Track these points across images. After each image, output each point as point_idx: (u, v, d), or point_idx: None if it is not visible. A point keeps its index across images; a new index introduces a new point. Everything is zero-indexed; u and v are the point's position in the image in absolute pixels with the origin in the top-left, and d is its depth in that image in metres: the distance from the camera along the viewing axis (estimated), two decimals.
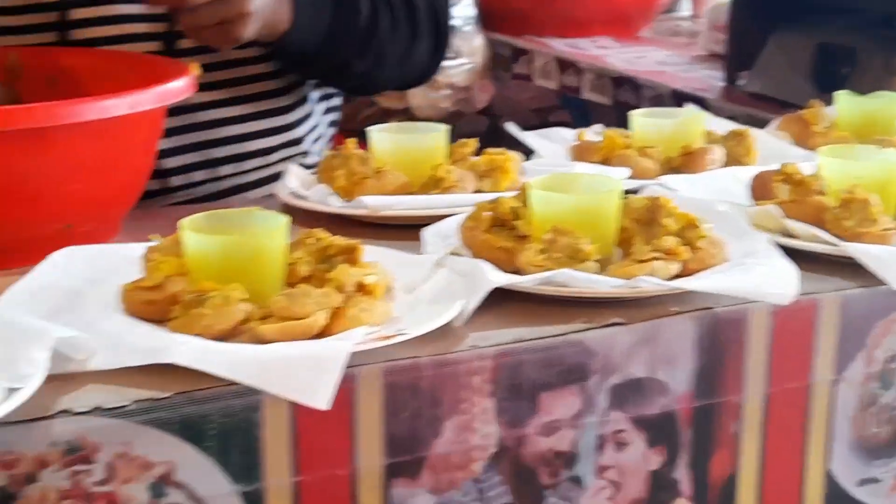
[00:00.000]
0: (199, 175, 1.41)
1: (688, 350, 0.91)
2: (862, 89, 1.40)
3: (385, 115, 2.50)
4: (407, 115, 2.52)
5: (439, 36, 1.52)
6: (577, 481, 0.89)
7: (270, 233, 0.85)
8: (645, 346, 0.89)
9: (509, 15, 2.65)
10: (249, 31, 1.21)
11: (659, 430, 0.91)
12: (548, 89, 2.50)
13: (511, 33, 2.63)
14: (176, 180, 1.40)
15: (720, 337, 0.92)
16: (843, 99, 1.37)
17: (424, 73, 1.60)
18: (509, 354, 0.84)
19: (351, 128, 2.36)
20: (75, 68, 1.25)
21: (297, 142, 1.49)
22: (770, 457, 0.96)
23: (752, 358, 0.93)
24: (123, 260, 0.91)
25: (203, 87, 1.35)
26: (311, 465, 0.79)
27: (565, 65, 2.42)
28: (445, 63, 2.48)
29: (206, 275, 0.83)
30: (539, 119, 2.74)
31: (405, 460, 0.82)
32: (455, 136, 1.22)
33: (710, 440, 0.93)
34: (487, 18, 2.62)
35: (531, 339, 0.85)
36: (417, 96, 2.50)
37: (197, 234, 0.84)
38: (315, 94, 1.54)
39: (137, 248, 0.91)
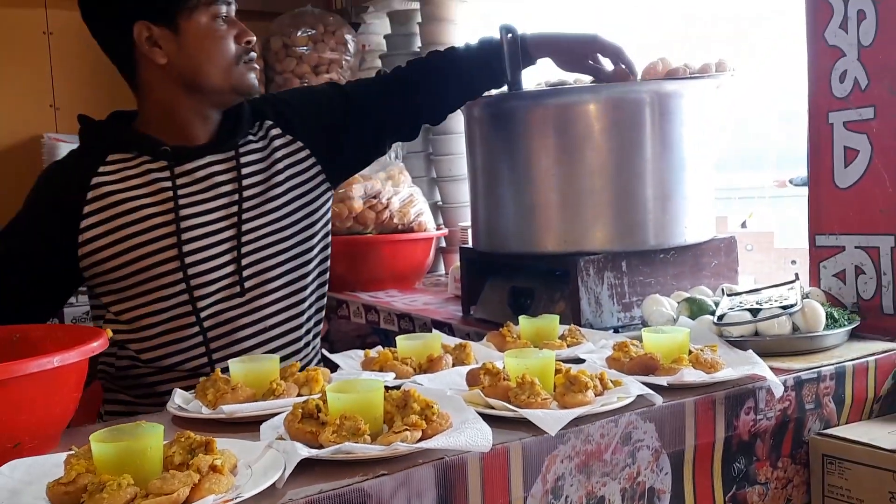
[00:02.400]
0: None
1: (431, 487, 0.90)
2: (536, 314, 1.46)
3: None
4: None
5: None
6: None
7: (150, 438, 0.83)
8: (403, 487, 0.88)
9: (331, 279, 2.66)
10: None
11: None
12: (360, 323, 2.51)
13: (334, 291, 2.64)
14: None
15: (450, 476, 0.91)
16: (523, 320, 1.42)
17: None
18: (315, 502, 0.83)
19: None
20: (30, 333, 1.18)
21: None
22: None
23: (472, 487, 0.93)
24: (53, 465, 0.86)
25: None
26: None
27: (368, 308, 2.44)
28: None
29: (106, 470, 0.80)
30: (360, 342, 2.73)
31: None
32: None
33: None
34: None
35: (329, 490, 0.84)
36: None
37: (100, 443, 0.81)
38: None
39: (62, 456, 0.86)
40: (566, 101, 1.72)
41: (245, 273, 1.48)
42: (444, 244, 2.95)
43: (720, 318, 1.36)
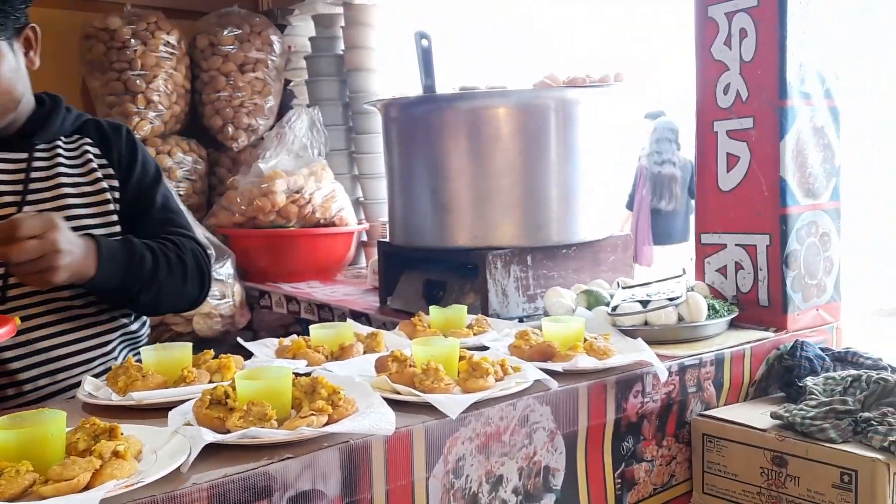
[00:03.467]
0: (43, 381, 1.27)
1: (335, 469, 0.88)
2: (448, 304, 1.45)
3: (178, 336, 2.37)
4: (193, 335, 2.40)
5: (203, 279, 1.39)
6: None
7: (51, 424, 0.78)
8: (308, 470, 0.86)
9: (255, 270, 2.62)
10: (61, 278, 1.13)
11: None
12: (282, 313, 2.46)
13: (256, 281, 2.60)
14: (27, 387, 1.26)
15: (355, 458, 0.90)
16: (434, 310, 1.41)
17: (194, 302, 1.42)
18: (218, 486, 0.80)
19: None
20: None
21: (112, 357, 1.36)
22: None
23: (375, 469, 0.92)
24: None
25: (45, 323, 1.27)
26: None
27: (290, 299, 2.39)
28: (216, 301, 2.42)
29: (6, 457, 0.75)
30: (283, 331, 2.68)
31: None
32: (223, 347, 1.17)
33: None
34: (242, 273, 2.58)
35: (234, 474, 0.81)
36: (199, 323, 2.40)
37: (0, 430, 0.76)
38: (123, 327, 1.39)
39: None
40: (477, 105, 1.72)
41: (10, 291, 1.25)
42: (365, 238, 2.92)
43: (614, 308, 1.38)
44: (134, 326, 1.43)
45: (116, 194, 1.36)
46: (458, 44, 2.75)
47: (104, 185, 1.35)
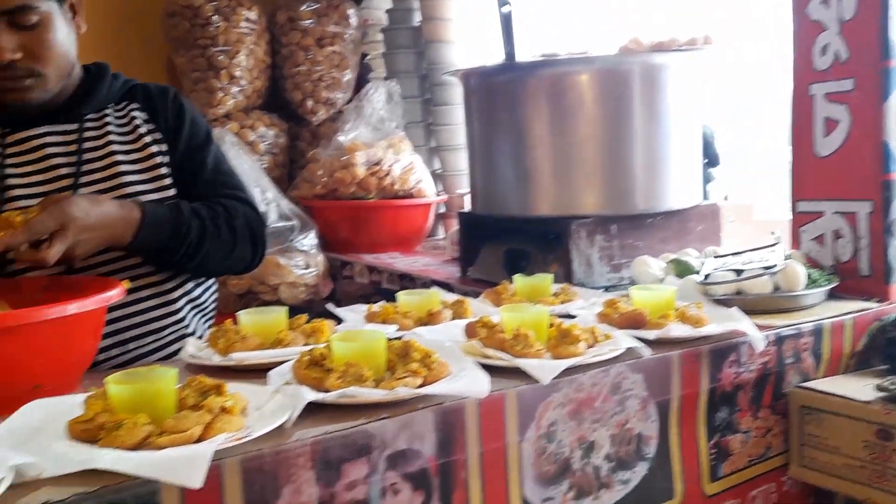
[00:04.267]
0: (115, 351, 1.27)
1: (431, 430, 0.89)
2: (530, 273, 1.44)
3: (264, 304, 2.42)
4: (279, 303, 2.45)
5: (255, 243, 1.35)
6: None
7: (164, 380, 0.82)
8: (405, 429, 0.87)
9: (337, 241, 2.66)
10: (80, 256, 1.14)
11: (419, 480, 0.89)
12: (363, 283, 2.50)
13: (338, 252, 2.64)
14: (99, 356, 1.23)
15: (449, 420, 0.91)
16: (518, 278, 1.40)
17: (247, 266, 1.39)
18: (321, 442, 0.82)
19: (231, 311, 2.28)
20: (63, 282, 1.17)
21: (183, 325, 1.36)
22: (487, 490, 0.94)
23: (469, 431, 0.92)
24: (70, 405, 0.85)
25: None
26: None
27: (371, 269, 2.43)
28: (300, 271, 2.47)
29: (122, 410, 0.79)
30: (364, 300, 2.71)
31: None
32: (309, 313, 1.18)
33: (450, 484, 0.91)
34: (325, 244, 2.63)
35: (335, 431, 0.83)
36: (285, 292, 2.45)
37: (116, 384, 0.80)
38: (188, 294, 1.38)
39: (79, 398, 0.85)
40: (560, 72, 1.69)
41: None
42: (443, 210, 2.93)
43: (706, 277, 1.35)
44: (197, 292, 1.41)
45: (167, 158, 1.34)
46: (539, 10, 2.70)
47: (154, 149, 1.33)
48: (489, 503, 0.95)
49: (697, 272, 1.41)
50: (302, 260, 2.46)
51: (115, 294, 1.01)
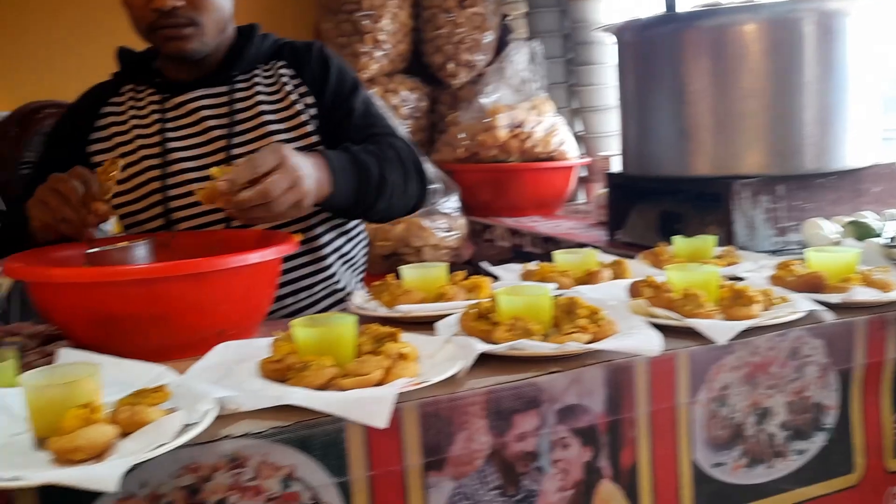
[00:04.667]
0: (273, 306, 1.26)
1: (600, 386, 0.89)
2: (687, 235, 1.39)
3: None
4: None
5: (421, 176, 1.33)
6: (540, 470, 0.86)
7: (345, 326, 0.85)
8: (574, 385, 0.87)
9: (477, 204, 2.68)
10: (309, 203, 1.09)
11: (587, 436, 0.89)
12: (504, 247, 2.51)
13: (480, 215, 2.65)
14: None
15: (619, 377, 0.90)
16: (678, 240, 1.35)
17: (417, 202, 1.37)
18: (493, 392, 0.83)
19: (380, 272, 2.33)
20: (238, 235, 1.23)
21: (335, 282, 1.40)
22: (656, 451, 0.93)
23: (639, 390, 0.91)
24: (257, 347, 0.91)
25: None
26: (377, 464, 0.77)
27: (514, 232, 2.43)
28: (443, 234, 2.51)
29: (308, 352, 0.83)
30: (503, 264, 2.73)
31: (434, 459, 0.80)
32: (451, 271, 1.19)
33: (619, 442, 0.91)
34: (467, 208, 2.65)
35: (506, 382, 0.84)
36: (428, 254, 2.50)
37: (302, 328, 0.84)
38: (338, 250, 1.40)
39: (266, 341, 0.91)
40: (723, 22, 1.60)
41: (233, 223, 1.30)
42: (584, 173, 2.88)
43: (892, 240, 1.25)
44: (347, 248, 1.43)
45: (314, 111, 1.35)
46: None
47: (299, 106, 1.34)
48: (658, 464, 0.93)
49: (879, 235, 1.31)
50: (444, 223, 2.50)
51: (291, 245, 1.05)
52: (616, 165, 2.45)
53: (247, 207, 1.01)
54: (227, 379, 0.82)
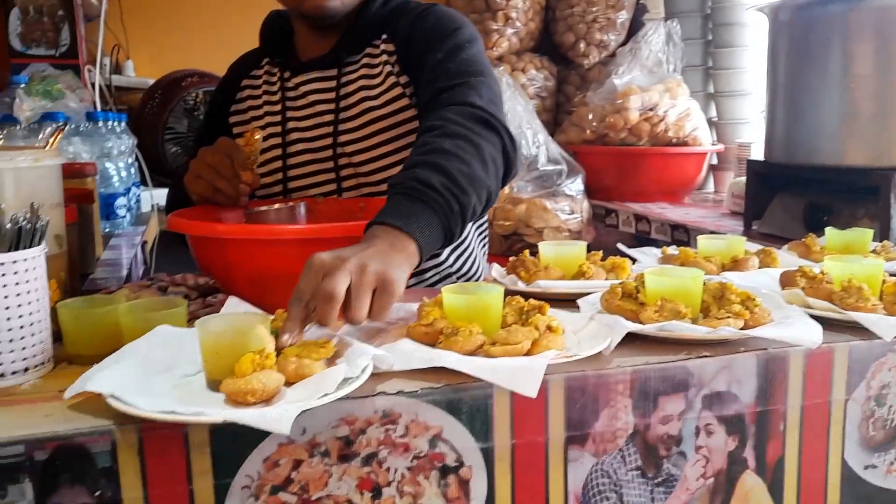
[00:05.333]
0: None
1: (751, 375, 0.87)
2: (837, 228, 1.33)
3: (529, 246, 2.48)
4: None
5: (491, 128, 1.11)
6: (682, 455, 0.85)
7: (493, 296, 0.86)
8: (724, 371, 0.85)
9: (601, 188, 2.64)
10: (401, 286, 0.83)
11: (734, 425, 0.87)
12: (627, 233, 2.47)
13: (603, 199, 2.62)
14: None
15: (772, 367, 0.87)
16: (830, 231, 1.30)
17: (507, 173, 1.14)
18: (640, 372, 0.82)
19: (499, 252, 2.33)
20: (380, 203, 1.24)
21: (447, 265, 1.35)
22: (805, 447, 0.90)
23: (791, 382, 0.88)
24: (403, 311, 0.93)
25: None
26: (521, 433, 0.78)
27: (639, 217, 2.38)
28: (565, 216, 2.49)
29: (457, 318, 0.85)
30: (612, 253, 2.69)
31: (577, 434, 0.81)
32: None
33: (766, 433, 0.88)
34: (590, 191, 2.62)
35: (654, 363, 0.83)
36: (549, 236, 2.49)
37: (452, 294, 0.86)
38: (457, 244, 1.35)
39: (410, 305, 0.93)
40: (892, 3, 1.51)
41: (343, 197, 1.32)
42: (715, 161, 2.78)
43: None
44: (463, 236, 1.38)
45: (409, 90, 1.29)
46: None
47: (398, 91, 1.30)
48: (806, 460, 0.90)
49: None
50: (567, 205, 2.48)
51: None
52: (755, 153, 2.36)
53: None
54: (377, 339, 0.85)
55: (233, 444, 0.70)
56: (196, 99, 2.77)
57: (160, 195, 2.41)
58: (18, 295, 0.74)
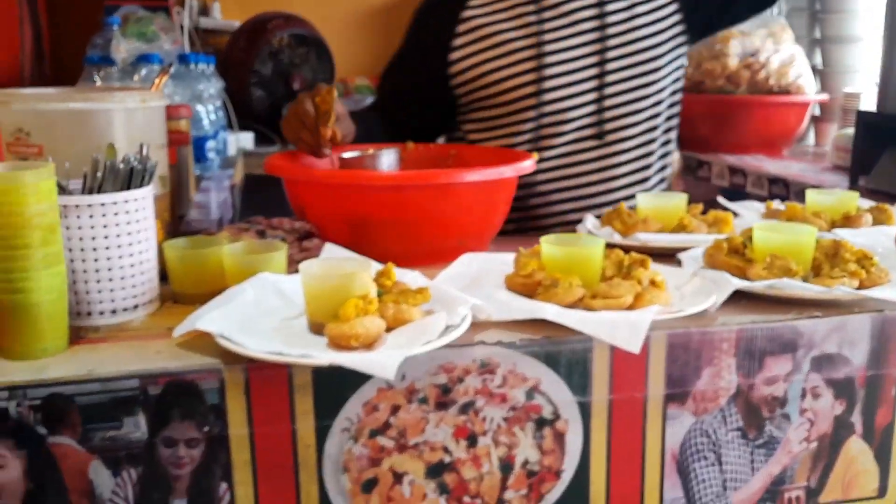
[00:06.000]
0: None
1: (864, 337, 0.83)
2: None
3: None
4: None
5: None
6: (786, 417, 0.83)
7: (593, 248, 0.85)
8: (835, 332, 0.82)
9: (694, 139, 2.55)
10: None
11: (842, 389, 0.84)
12: (720, 185, 2.38)
13: (696, 150, 2.53)
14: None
15: (887, 330, 0.83)
16: None
17: None
18: (746, 331, 0.80)
19: None
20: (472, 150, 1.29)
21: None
22: None
23: None
24: (500, 262, 0.93)
25: None
26: (620, 389, 0.78)
27: (734, 170, 2.30)
28: None
29: (556, 269, 0.84)
30: (709, 206, 2.61)
31: (677, 392, 0.79)
32: None
33: (876, 398, 0.85)
34: (682, 141, 2.53)
35: (761, 322, 0.81)
36: None
37: (550, 245, 0.85)
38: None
39: (507, 256, 0.93)
40: None
41: (606, 116, 1.35)
42: (817, 112, 2.64)
43: None
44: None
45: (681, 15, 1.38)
46: None
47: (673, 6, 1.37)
48: None
49: None
50: None
51: (528, 165, 1.06)
52: (865, 104, 2.22)
53: None
54: (473, 289, 0.85)
55: (334, 386, 0.71)
56: (281, 42, 2.79)
57: (247, 139, 2.46)
58: (129, 234, 0.77)
